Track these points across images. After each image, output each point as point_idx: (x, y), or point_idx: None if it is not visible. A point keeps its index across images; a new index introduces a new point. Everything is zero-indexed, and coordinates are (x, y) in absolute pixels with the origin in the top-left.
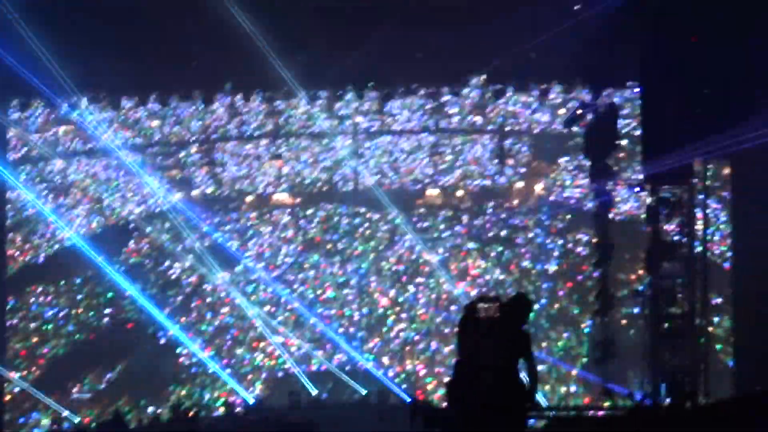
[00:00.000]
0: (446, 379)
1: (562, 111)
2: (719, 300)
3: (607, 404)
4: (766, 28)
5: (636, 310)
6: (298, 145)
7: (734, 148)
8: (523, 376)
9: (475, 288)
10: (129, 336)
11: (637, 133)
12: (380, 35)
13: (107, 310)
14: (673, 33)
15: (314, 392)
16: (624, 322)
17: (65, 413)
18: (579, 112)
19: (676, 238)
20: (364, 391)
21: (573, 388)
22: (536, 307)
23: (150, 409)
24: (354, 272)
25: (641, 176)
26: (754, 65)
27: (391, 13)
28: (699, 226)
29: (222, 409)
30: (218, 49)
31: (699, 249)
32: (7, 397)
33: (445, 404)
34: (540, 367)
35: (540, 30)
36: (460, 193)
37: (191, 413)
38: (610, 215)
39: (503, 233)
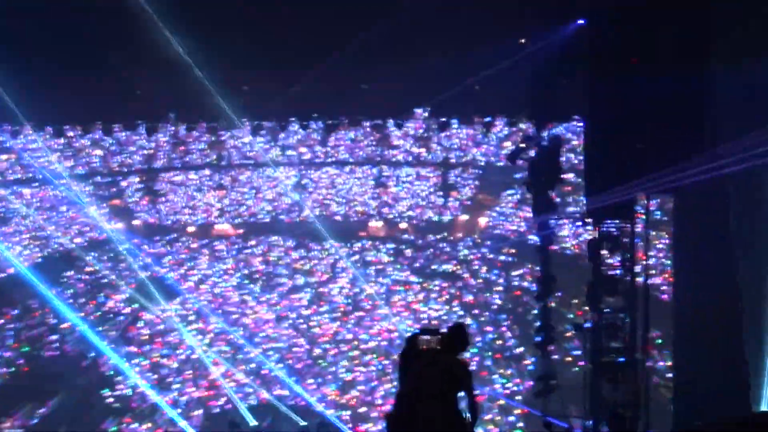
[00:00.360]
0: (387, 412)
1: (506, 144)
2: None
3: None
4: (708, 65)
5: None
6: (241, 175)
7: (677, 183)
8: (464, 408)
9: (417, 322)
10: (66, 368)
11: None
12: (325, 67)
13: (47, 339)
14: (616, 68)
15: (254, 423)
16: (569, 359)
17: None
18: (523, 145)
19: (619, 272)
20: (303, 423)
21: (518, 424)
22: (480, 342)
23: None
24: (295, 305)
25: (585, 210)
26: (698, 100)
27: (336, 46)
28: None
29: None
30: (163, 79)
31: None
32: None
33: None
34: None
35: (485, 64)
36: (403, 225)
37: None
38: (555, 249)
39: (447, 266)
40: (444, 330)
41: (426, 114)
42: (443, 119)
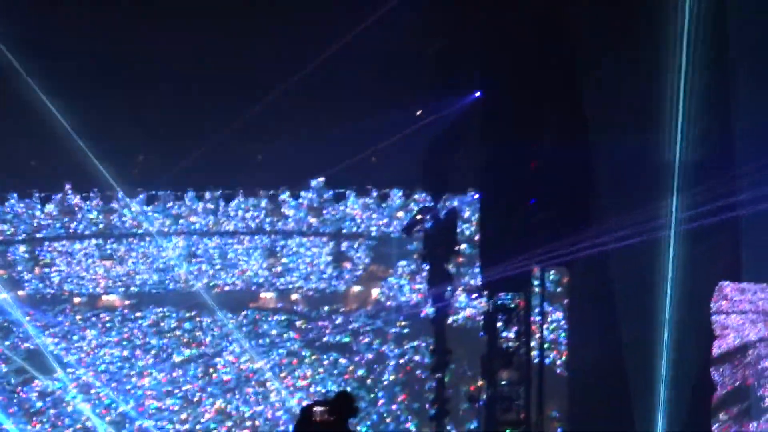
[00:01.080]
0: None
1: (401, 214)
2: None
3: None
4: (601, 141)
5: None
6: (130, 245)
7: (569, 256)
8: None
9: (309, 397)
10: None
11: (477, 237)
12: (220, 137)
13: None
14: (509, 141)
15: None
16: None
17: None
18: (418, 217)
19: (514, 345)
20: None
21: None
22: (374, 415)
23: None
24: (181, 380)
25: (479, 281)
26: (591, 175)
27: (232, 116)
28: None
29: None
30: (57, 148)
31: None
32: None
33: None
34: None
35: (380, 135)
36: (295, 296)
37: None
38: (449, 321)
39: (339, 339)
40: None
41: (320, 185)
42: (338, 190)
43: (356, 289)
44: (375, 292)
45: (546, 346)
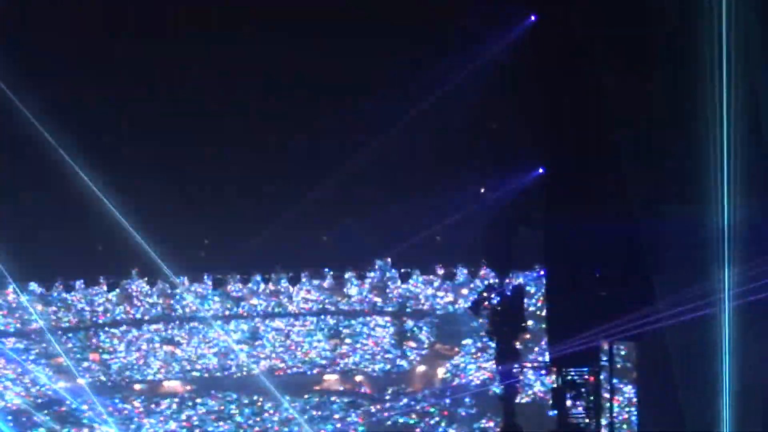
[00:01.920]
0: None
1: (465, 291)
2: None
3: None
4: (665, 212)
5: None
6: (192, 329)
7: (638, 330)
8: None
9: None
10: None
11: (543, 313)
12: (286, 217)
13: None
14: (574, 216)
15: None
16: None
17: None
18: (484, 294)
19: (583, 421)
20: None
21: None
22: None
23: None
24: None
25: (547, 358)
26: (657, 249)
27: (297, 196)
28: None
29: None
30: (122, 234)
31: None
32: None
33: None
34: None
35: (445, 213)
36: (359, 377)
37: None
38: (518, 399)
39: (405, 420)
40: None
41: (385, 264)
42: (403, 270)
43: (421, 368)
44: (441, 372)
45: (616, 422)
